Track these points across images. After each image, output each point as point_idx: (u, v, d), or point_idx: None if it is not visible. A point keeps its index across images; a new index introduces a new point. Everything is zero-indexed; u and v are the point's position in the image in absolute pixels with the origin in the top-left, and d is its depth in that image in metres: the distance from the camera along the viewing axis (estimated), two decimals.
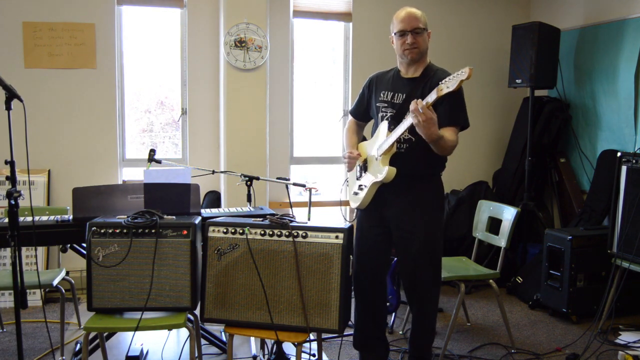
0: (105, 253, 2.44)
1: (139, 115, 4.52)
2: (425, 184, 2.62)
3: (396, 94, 2.61)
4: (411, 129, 2.39)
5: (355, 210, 2.78)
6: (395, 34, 2.56)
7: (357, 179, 2.73)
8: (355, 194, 2.72)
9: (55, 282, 3.02)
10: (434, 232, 2.61)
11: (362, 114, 2.86)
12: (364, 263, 2.72)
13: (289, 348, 2.97)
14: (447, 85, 2.20)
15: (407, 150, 2.54)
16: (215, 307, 2.52)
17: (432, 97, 2.25)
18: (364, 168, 2.68)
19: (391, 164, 2.51)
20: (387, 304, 3.10)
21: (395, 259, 3.29)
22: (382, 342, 2.82)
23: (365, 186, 2.63)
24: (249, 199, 3.29)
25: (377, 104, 2.66)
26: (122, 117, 4.32)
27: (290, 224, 2.49)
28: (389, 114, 2.60)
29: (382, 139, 2.56)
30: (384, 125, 2.58)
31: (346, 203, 2.89)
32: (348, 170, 2.77)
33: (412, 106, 2.27)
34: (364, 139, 2.92)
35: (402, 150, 2.54)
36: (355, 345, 2.85)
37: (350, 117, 2.94)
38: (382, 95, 2.65)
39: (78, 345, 3.10)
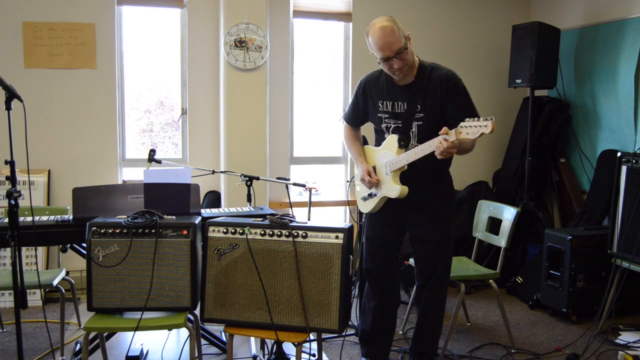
0: (105, 253, 2.44)
1: (139, 115, 4.52)
2: (436, 182, 2.65)
3: (396, 103, 2.58)
4: (420, 131, 2.41)
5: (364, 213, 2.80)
6: (379, 61, 2.48)
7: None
8: (364, 199, 2.73)
9: (55, 282, 3.02)
10: (448, 226, 2.66)
11: (360, 120, 2.82)
12: (377, 258, 2.73)
13: (289, 348, 2.97)
14: (467, 132, 2.20)
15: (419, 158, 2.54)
16: (215, 307, 2.52)
17: (452, 138, 2.24)
18: None
19: (403, 170, 2.53)
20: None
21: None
22: (387, 337, 2.83)
23: (375, 195, 2.64)
24: (249, 199, 3.29)
25: (379, 115, 2.63)
26: (122, 117, 4.32)
27: (290, 224, 2.49)
28: (393, 125, 2.59)
29: (391, 154, 2.54)
30: (393, 139, 2.55)
31: (350, 203, 2.90)
32: (368, 187, 2.69)
33: (439, 150, 2.27)
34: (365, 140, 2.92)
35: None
36: (362, 339, 2.85)
37: (345, 124, 2.89)
38: (381, 105, 2.62)
39: (78, 345, 3.10)
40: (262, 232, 2.50)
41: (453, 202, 2.78)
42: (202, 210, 2.95)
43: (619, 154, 3.43)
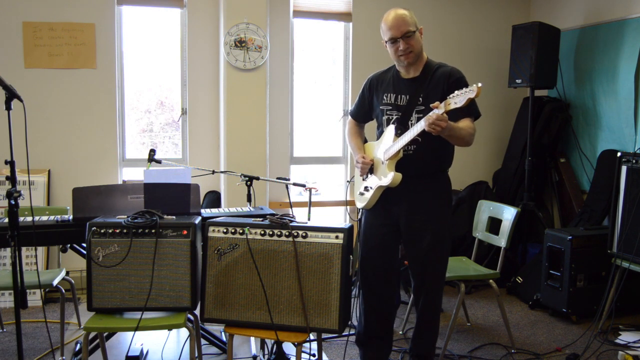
0: (105, 253, 2.44)
1: (139, 115, 4.52)
2: (433, 181, 2.64)
3: (399, 96, 2.60)
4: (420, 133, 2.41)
5: (361, 209, 2.80)
6: (386, 42, 2.55)
7: (363, 180, 2.73)
8: (361, 194, 2.73)
9: (55, 282, 3.02)
10: (443, 227, 2.64)
11: (364, 116, 2.85)
12: (372, 259, 2.72)
13: (289, 348, 2.97)
14: (455, 101, 2.21)
15: (414, 151, 2.54)
16: (215, 307, 2.52)
17: (440, 110, 2.25)
18: (370, 170, 2.69)
19: (399, 164, 2.53)
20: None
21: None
22: (385, 340, 2.82)
23: (371, 188, 2.64)
24: (249, 199, 3.29)
25: (381, 107, 2.66)
26: (122, 117, 4.32)
27: (290, 224, 2.49)
28: (394, 117, 2.60)
29: (388, 143, 2.55)
30: (390, 129, 2.57)
31: (350, 203, 2.91)
32: (360, 175, 2.75)
33: (427, 122, 2.26)
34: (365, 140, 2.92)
35: (410, 152, 2.54)
36: (358, 341, 2.85)
37: (349, 118, 2.93)
38: (385, 97, 2.64)
39: (78, 345, 3.10)
40: (262, 232, 2.50)
41: (450, 204, 2.74)
42: (202, 210, 2.95)
43: (619, 154, 3.43)
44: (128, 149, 4.40)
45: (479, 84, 2.14)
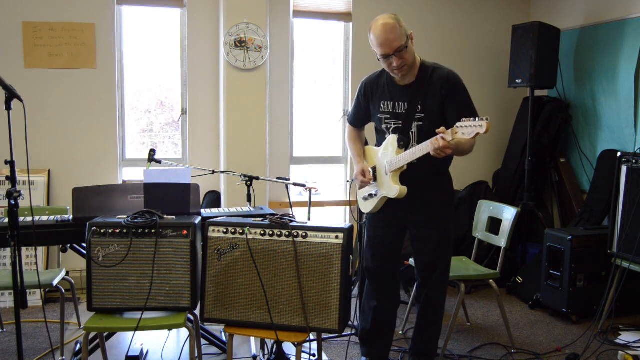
0: (105, 253, 2.44)
1: (139, 115, 4.52)
2: (436, 183, 2.65)
3: (397, 104, 2.57)
4: (420, 131, 2.42)
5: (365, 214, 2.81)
6: (378, 58, 2.48)
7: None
8: (365, 199, 2.73)
9: (55, 282, 3.02)
10: (448, 226, 2.67)
11: (362, 121, 2.83)
12: (377, 258, 2.74)
13: (289, 348, 2.97)
14: (463, 132, 2.19)
15: (418, 159, 2.52)
16: (215, 307, 2.52)
17: (448, 137, 2.23)
18: (374, 177, 2.67)
19: (404, 172, 2.53)
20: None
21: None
22: (387, 338, 2.84)
23: (374, 195, 2.64)
24: (249, 199, 3.29)
25: (379, 115, 2.63)
26: (122, 117, 4.32)
27: (290, 224, 2.49)
28: (394, 126, 2.59)
29: (391, 154, 2.54)
30: (393, 139, 2.55)
31: (351, 203, 2.90)
32: (359, 189, 2.73)
33: (435, 150, 2.26)
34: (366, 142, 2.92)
35: (414, 161, 2.53)
36: (362, 339, 2.86)
37: (348, 124, 2.92)
38: (382, 106, 2.61)
39: (78, 345, 3.10)
40: (262, 232, 2.50)
41: (453, 202, 2.78)
42: (202, 210, 2.95)
43: (619, 154, 3.43)
44: (128, 149, 4.40)
45: (488, 119, 2.12)
